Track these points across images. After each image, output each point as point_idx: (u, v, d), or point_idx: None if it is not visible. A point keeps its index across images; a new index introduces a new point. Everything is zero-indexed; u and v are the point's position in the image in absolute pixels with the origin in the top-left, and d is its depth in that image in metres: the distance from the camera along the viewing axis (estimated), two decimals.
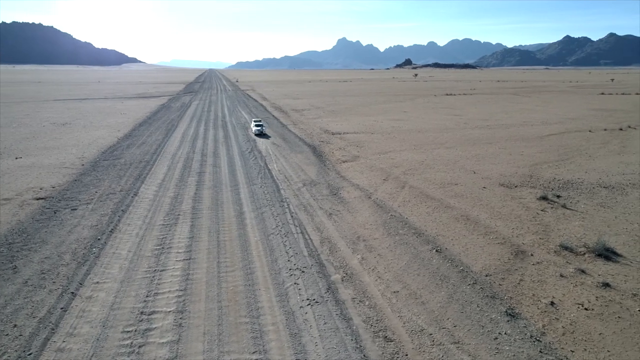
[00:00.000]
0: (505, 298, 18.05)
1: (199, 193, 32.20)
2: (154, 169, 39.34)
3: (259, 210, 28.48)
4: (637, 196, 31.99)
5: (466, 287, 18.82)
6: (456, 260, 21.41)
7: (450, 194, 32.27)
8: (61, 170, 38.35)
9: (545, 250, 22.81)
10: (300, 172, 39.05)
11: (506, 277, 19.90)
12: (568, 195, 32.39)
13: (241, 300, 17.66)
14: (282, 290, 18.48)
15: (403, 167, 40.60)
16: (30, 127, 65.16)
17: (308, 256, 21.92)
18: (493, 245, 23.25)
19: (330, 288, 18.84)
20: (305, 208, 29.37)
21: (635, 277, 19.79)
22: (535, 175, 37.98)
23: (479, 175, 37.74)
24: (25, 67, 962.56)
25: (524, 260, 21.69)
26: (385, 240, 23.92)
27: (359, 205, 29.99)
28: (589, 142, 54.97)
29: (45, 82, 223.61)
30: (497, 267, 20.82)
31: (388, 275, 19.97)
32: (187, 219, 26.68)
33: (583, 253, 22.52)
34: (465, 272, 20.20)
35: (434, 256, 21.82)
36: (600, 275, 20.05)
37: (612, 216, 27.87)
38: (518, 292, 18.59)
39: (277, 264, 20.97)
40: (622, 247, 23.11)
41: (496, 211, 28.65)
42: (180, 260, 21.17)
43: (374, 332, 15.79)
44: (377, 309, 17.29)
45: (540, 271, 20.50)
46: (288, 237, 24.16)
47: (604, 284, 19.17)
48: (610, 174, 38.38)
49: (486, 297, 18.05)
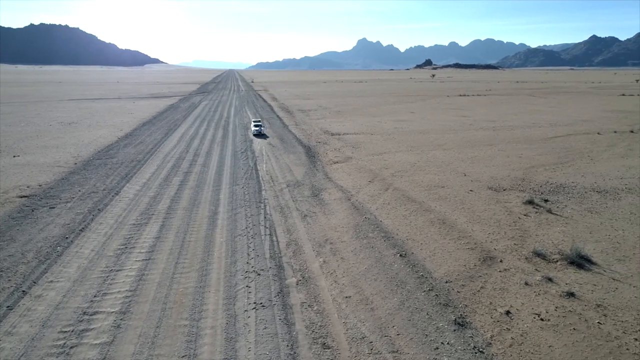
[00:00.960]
0: (460, 306, 17.39)
1: (179, 193, 32.21)
2: (143, 168, 39.60)
3: (234, 211, 28.29)
4: (630, 201, 30.71)
5: (421, 293, 18.22)
6: (419, 265, 20.79)
7: (434, 197, 31.53)
8: (53, 169, 38.91)
9: (517, 256, 21.99)
10: (288, 173, 38.76)
11: (467, 284, 19.21)
12: (557, 199, 31.31)
13: (187, 302, 17.45)
14: (232, 293, 18.20)
15: (393, 169, 39.93)
16: (38, 126, 66.54)
17: (269, 258, 21.60)
18: (463, 251, 22.52)
19: (281, 292, 18.48)
20: (282, 209, 29.06)
21: (604, 287, 18.88)
22: (528, 179, 36.88)
23: (469, 178, 36.83)
24: (51, 68, 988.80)
25: (491, 266, 20.94)
26: (352, 243, 23.43)
27: (337, 207, 29.54)
28: (595, 144, 53.25)
29: (66, 82, 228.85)
30: (461, 273, 20.13)
31: (345, 280, 19.50)
32: (159, 219, 26.66)
33: (556, 260, 21.65)
34: (424, 278, 19.59)
35: (397, 261, 21.23)
36: (568, 284, 19.20)
37: (597, 222, 26.78)
38: (475, 300, 17.90)
39: (235, 266, 20.71)
40: (599, 254, 22.13)
41: (476, 215, 27.83)
42: (139, 260, 21.10)
43: (314, 338, 15.37)
44: (323, 315, 16.85)
45: (505, 278, 19.74)
46: (255, 239, 23.89)
47: (568, 293, 18.33)
48: (608, 178, 37.00)
49: (439, 304, 17.42)
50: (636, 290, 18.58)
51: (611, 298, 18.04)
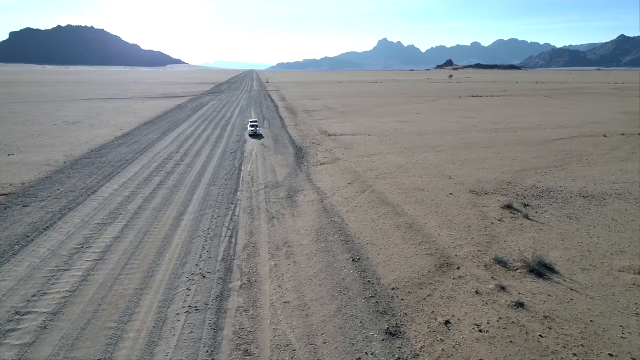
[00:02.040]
0: (399, 315, 16.80)
1: (154, 193, 32.27)
2: (129, 168, 39.89)
3: (202, 212, 28.15)
4: (615, 208, 29.45)
5: (361, 300, 17.68)
6: (369, 271, 20.23)
7: (411, 200, 30.83)
8: (41, 168, 39.52)
9: (477, 263, 21.23)
10: (270, 174, 38.51)
11: (415, 291, 18.58)
12: (539, 204, 30.25)
13: (122, 304, 17.30)
14: (170, 296, 17.98)
15: (378, 171, 39.29)
16: (42, 125, 67.94)
17: (221, 261, 21.34)
18: (421, 256, 21.86)
19: (221, 295, 18.18)
20: (252, 211, 28.80)
21: (559, 298, 18.02)
22: (515, 182, 35.80)
23: (454, 181, 35.95)
24: (77, 68, 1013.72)
25: (446, 273, 20.24)
26: (310, 247, 22.99)
27: (307, 209, 29.12)
28: (597, 147, 51.49)
29: (85, 83, 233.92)
30: (411, 280, 19.50)
31: (290, 285, 19.09)
32: (125, 219, 26.69)
33: (516, 269, 20.81)
34: (370, 284, 19.03)
35: (348, 266, 20.71)
36: (521, 293, 18.40)
37: (574, 229, 25.72)
38: (418, 308, 17.28)
39: (183, 268, 20.51)
40: (565, 263, 21.19)
41: (448, 219, 27.06)
42: (90, 260, 21.09)
43: (238, 345, 15.01)
44: (256, 320, 16.48)
45: (456, 286, 19.03)
46: (213, 241, 23.67)
47: (518, 303, 17.54)
48: (599, 183, 35.63)
49: (377, 312, 16.86)
50: (591, 302, 17.67)
51: (562, 310, 17.18)
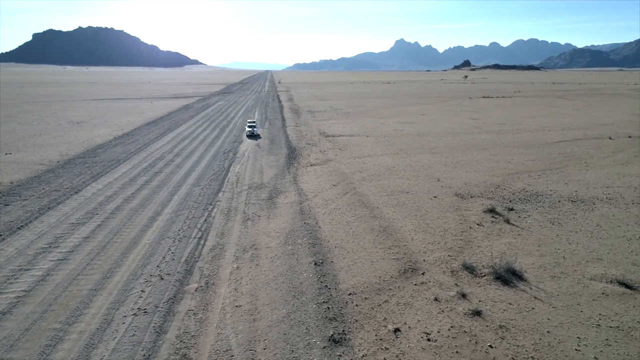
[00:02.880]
0: (348, 321, 16.38)
1: (136, 193, 32.36)
2: (118, 168, 40.17)
3: (177, 213, 28.09)
4: (602, 213, 28.48)
5: (313, 306, 17.31)
6: (330, 275, 19.85)
7: (392, 203, 30.31)
8: (33, 167, 40.04)
9: (443, 269, 20.67)
10: (257, 175, 38.35)
11: (371, 297, 18.13)
12: (524, 208, 29.45)
13: (72, 305, 17.25)
14: (122, 298, 17.87)
15: (367, 173, 38.81)
16: (47, 124, 69.03)
17: (183, 262, 21.19)
18: (387, 261, 21.38)
19: (174, 298, 18.01)
20: (229, 212, 28.64)
21: (520, 307, 17.39)
22: (504, 186, 34.97)
23: (441, 184, 35.28)
24: (96, 69, 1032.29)
25: (408, 279, 19.74)
26: (277, 249, 22.70)
27: (284, 211, 28.84)
28: (600, 149, 50.11)
29: (100, 83, 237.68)
30: (371, 285, 19.06)
31: (246, 288, 18.83)
32: (100, 219, 26.78)
33: (483, 275, 20.21)
34: (327, 289, 18.65)
35: (309, 269, 20.36)
36: (481, 301, 17.82)
37: (553, 234, 24.93)
38: (370, 315, 16.84)
39: (143, 269, 20.41)
40: (535, 270, 20.50)
41: (426, 223, 26.50)
42: (54, 260, 21.15)
43: (177, 349, 14.80)
44: (203, 324, 16.25)
45: (416, 293, 18.53)
46: (181, 242, 23.55)
47: (475, 312, 16.98)
48: (592, 187, 34.58)
49: (325, 318, 16.48)
50: (553, 312, 17.00)
51: (520, 319, 16.56)
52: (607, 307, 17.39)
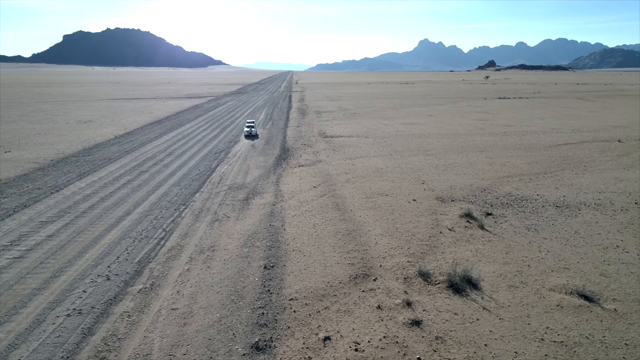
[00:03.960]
0: (280, 328, 15.93)
1: (114, 192, 32.55)
2: (107, 166, 40.59)
3: (148, 213, 28.08)
4: (585, 219, 27.24)
5: (248, 311, 16.92)
6: (276, 279, 19.42)
7: (368, 206, 29.69)
8: (26, 165, 40.83)
9: (397, 276, 20.01)
10: (241, 175, 38.17)
11: (312, 303, 17.63)
12: (502, 213, 28.42)
13: (11, 303, 17.30)
14: (62, 297, 17.83)
15: (353, 174, 38.22)
16: (55, 123, 70.55)
17: (136, 263, 21.08)
18: (342, 266, 20.83)
19: (114, 299, 17.87)
20: (199, 213, 28.48)
21: (465, 317, 16.63)
22: (491, 189, 33.90)
23: (425, 187, 34.43)
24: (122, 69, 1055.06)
25: (357, 285, 19.16)
26: (233, 251, 22.39)
27: (255, 212, 28.52)
28: (604, 153, 48.22)
29: (122, 83, 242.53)
30: (316, 290, 18.55)
31: (189, 290, 18.56)
32: (70, 218, 26.97)
33: (437, 283, 19.46)
34: (269, 293, 18.23)
35: (257, 273, 19.97)
36: (426, 310, 17.13)
37: (526, 241, 23.92)
38: (305, 321, 16.34)
39: (94, 269, 20.37)
40: (495, 279, 19.65)
41: (395, 227, 25.80)
42: (9, 258, 21.33)
43: (99, 352, 14.61)
44: (133, 327, 16.03)
45: (360, 300, 17.94)
46: (141, 242, 23.47)
47: (415, 321, 16.33)
48: (583, 191, 33.19)
49: (255, 324, 16.06)
50: (498, 324, 16.19)
51: (461, 330, 15.81)
52: (557, 320, 16.46)
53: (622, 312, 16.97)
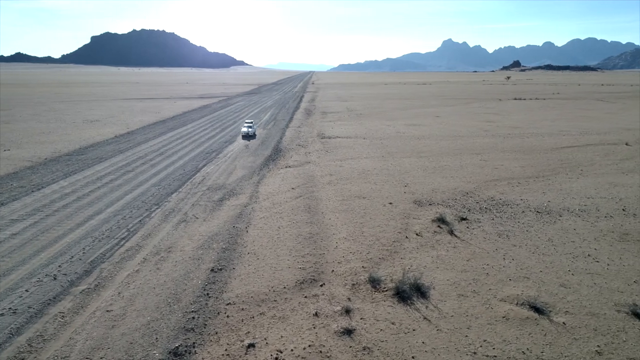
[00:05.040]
0: (206, 333, 15.60)
1: (93, 192, 32.84)
2: (95, 166, 41.07)
3: (118, 213, 28.17)
4: (564, 226, 26.12)
5: (178, 314, 16.65)
6: (220, 283, 19.12)
7: (341, 209, 29.16)
8: (19, 163, 41.65)
9: (346, 281, 19.46)
10: (224, 176, 38.08)
11: (249, 308, 17.26)
12: (478, 218, 27.50)
13: None
14: (5, 296, 17.90)
15: (337, 176, 37.70)
16: (62, 123, 72.04)
17: (88, 263, 21.08)
18: (291, 270, 20.40)
19: (54, 299, 17.85)
20: (170, 213, 28.43)
21: (402, 327, 16.01)
22: (474, 193, 32.92)
23: (406, 189, 33.67)
24: (147, 70, 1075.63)
25: (302, 290, 18.70)
26: (188, 253, 22.19)
27: (224, 213, 28.31)
28: (607, 156, 46.42)
29: (141, 83, 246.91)
30: (257, 295, 18.17)
31: (130, 292, 18.41)
32: (40, 216, 27.25)
33: (385, 290, 18.85)
34: (207, 297, 17.93)
35: (202, 276, 19.71)
36: (363, 319, 16.57)
37: (493, 248, 23.05)
38: (234, 327, 15.98)
39: (46, 268, 20.44)
40: (446, 287, 18.92)
41: (362, 231, 25.22)
42: None
43: (19, 352, 14.55)
44: (63, 328, 15.94)
45: (300, 306, 17.48)
46: (100, 242, 23.50)
47: (347, 330, 15.79)
48: (571, 197, 31.91)
49: (183, 329, 15.77)
50: (433, 335, 15.52)
51: (393, 341, 15.20)
52: (498, 332, 15.66)
53: (570, 326, 16.05)
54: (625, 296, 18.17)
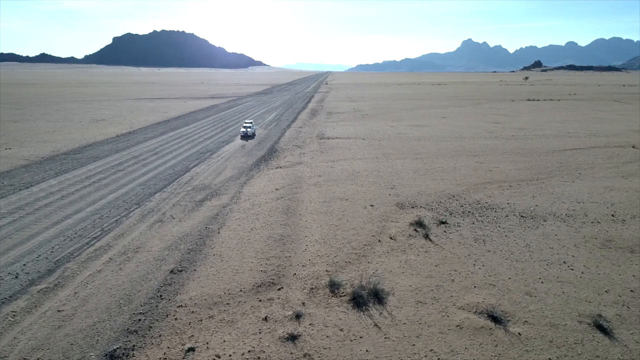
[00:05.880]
0: (149, 336, 15.43)
1: (79, 190, 33.13)
2: (88, 165, 41.51)
3: (97, 212, 28.31)
4: (546, 232, 25.29)
5: (126, 316, 16.52)
6: (176, 284, 18.96)
7: (320, 211, 28.81)
8: (16, 162, 42.38)
9: (305, 285, 19.13)
10: (211, 176, 38.05)
11: (199, 311, 17.04)
12: (458, 222, 26.84)
13: None
14: None
15: (325, 177, 37.36)
16: (70, 122, 73.25)
17: (54, 262, 21.16)
18: (253, 272, 20.14)
19: (11, 297, 17.93)
20: (148, 213, 28.45)
21: (350, 334, 15.61)
22: (460, 196, 32.20)
23: (392, 191, 33.13)
24: (166, 70, 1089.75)
25: (258, 294, 18.43)
26: (154, 254, 22.11)
27: (202, 214, 28.21)
28: (609, 159, 45.00)
29: (157, 83, 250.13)
30: (212, 298, 17.95)
31: (86, 293, 18.38)
32: (21, 214, 27.56)
33: (343, 295, 18.45)
34: (160, 299, 17.78)
35: (160, 277, 19.59)
36: (312, 324, 16.22)
37: (465, 254, 22.40)
38: (179, 330, 15.78)
39: (10, 267, 20.57)
40: (406, 293, 18.42)
41: (334, 234, 24.84)
42: None
43: None
44: (12, 327, 15.97)
45: (252, 309, 17.21)
46: (72, 241, 23.61)
47: (292, 336, 15.49)
48: (561, 201, 30.96)
49: (126, 331, 15.64)
50: (380, 343, 15.09)
51: (336, 348, 14.81)
52: (447, 342, 15.12)
53: (525, 337, 15.40)
54: (592, 306, 17.39)
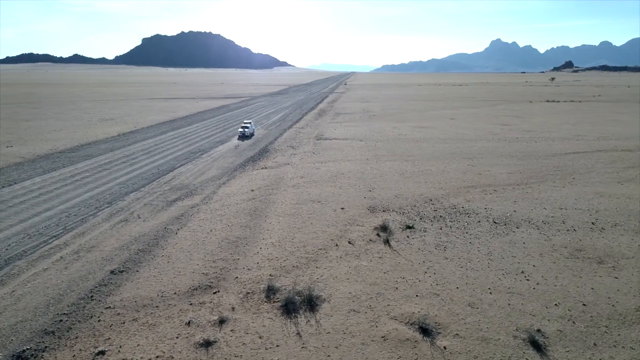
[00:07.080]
0: (64, 338, 15.35)
1: (59, 188, 33.62)
2: (78, 164, 42.18)
3: (67, 210, 28.61)
4: (514, 239, 24.23)
5: (49, 316, 16.47)
6: (112, 285, 18.86)
7: (288, 213, 28.41)
8: (11, 159, 43.46)
9: (242, 290, 18.77)
10: (194, 176, 38.09)
11: (125, 313, 16.87)
12: (425, 227, 26.00)
13: None
14: None
15: (307, 179, 36.92)
16: (78, 121, 74.93)
17: (5, 260, 21.37)
18: (193, 275, 19.92)
19: None
20: (116, 213, 28.58)
21: (268, 342, 15.17)
22: (438, 200, 31.29)
23: (369, 194, 32.44)
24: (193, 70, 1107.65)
25: (191, 297, 18.14)
26: (104, 254, 22.10)
27: (168, 214, 28.15)
28: (611, 164, 43.09)
29: (179, 83, 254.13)
30: (143, 300, 17.76)
31: (23, 291, 18.46)
32: (5, 209, 28.13)
33: (276, 301, 18.00)
34: (91, 300, 17.68)
35: (99, 277, 19.52)
36: (233, 330, 15.89)
37: (419, 261, 21.62)
38: (96, 333, 15.62)
39: None
40: (342, 301, 17.82)
41: (293, 237, 24.40)
42: None
43: None
44: None
45: (179, 313, 16.93)
46: (30, 239, 23.86)
47: (207, 342, 15.16)
48: (542, 207, 29.70)
49: (43, 332, 15.59)
50: (295, 353, 14.60)
51: (250, 357, 14.45)
52: (366, 354, 14.49)
53: (449, 351, 14.60)
54: (534, 321, 16.40)
